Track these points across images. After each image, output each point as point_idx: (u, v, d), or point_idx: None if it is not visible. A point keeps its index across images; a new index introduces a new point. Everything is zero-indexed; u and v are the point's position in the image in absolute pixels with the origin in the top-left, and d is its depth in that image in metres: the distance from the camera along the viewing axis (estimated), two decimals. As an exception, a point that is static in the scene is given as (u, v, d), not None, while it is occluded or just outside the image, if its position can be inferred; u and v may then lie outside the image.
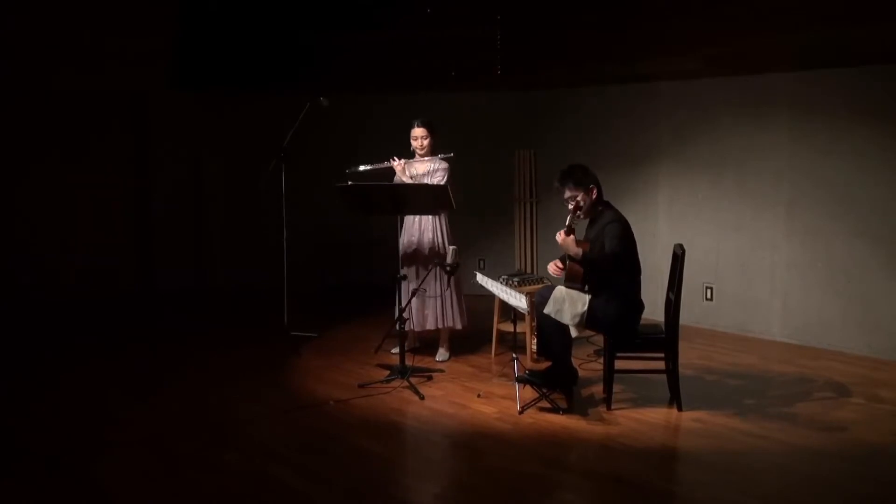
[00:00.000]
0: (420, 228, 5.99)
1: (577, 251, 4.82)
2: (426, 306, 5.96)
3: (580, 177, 4.96)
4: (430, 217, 5.95)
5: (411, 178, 5.95)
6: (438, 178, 5.89)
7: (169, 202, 8.55)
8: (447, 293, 5.95)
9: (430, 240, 5.94)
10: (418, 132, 5.95)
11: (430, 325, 6.00)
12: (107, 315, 7.69)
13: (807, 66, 6.24)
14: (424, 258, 5.94)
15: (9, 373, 5.85)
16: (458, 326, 6.04)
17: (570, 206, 4.96)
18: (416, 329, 6.02)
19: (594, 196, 4.96)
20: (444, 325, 6.00)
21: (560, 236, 4.85)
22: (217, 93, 8.42)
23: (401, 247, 5.98)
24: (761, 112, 6.58)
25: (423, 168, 5.99)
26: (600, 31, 7.12)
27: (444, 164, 5.96)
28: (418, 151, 5.97)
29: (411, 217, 6.01)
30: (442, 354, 6.13)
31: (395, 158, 5.94)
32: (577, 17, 7.25)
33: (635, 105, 7.39)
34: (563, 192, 4.99)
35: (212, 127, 8.63)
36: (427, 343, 6.30)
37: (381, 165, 5.94)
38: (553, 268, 5.07)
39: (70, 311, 7.66)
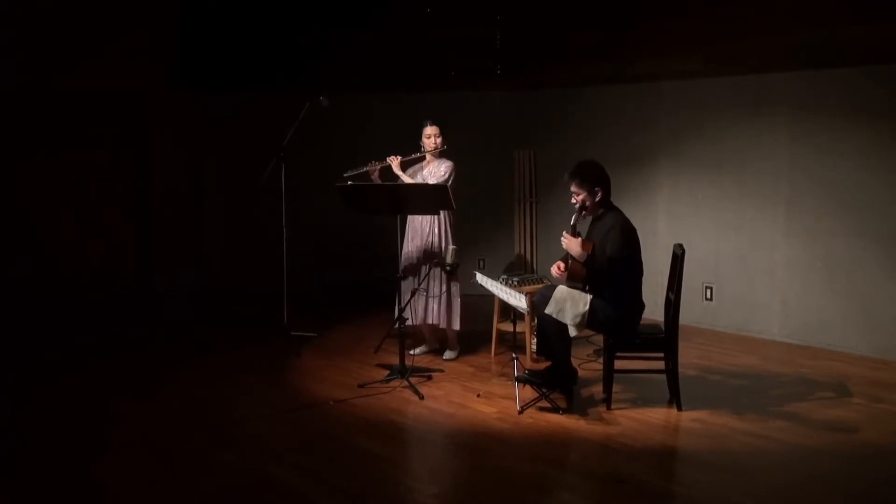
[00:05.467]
0: (422, 228, 5.99)
1: (580, 253, 4.84)
2: (426, 304, 5.97)
3: (588, 177, 4.96)
4: (432, 217, 5.95)
5: (411, 176, 5.96)
6: (441, 175, 5.88)
7: (169, 202, 8.55)
8: (445, 293, 5.95)
9: (430, 240, 5.95)
10: (431, 130, 5.95)
11: (421, 320, 6.01)
12: (107, 315, 7.68)
13: (807, 66, 6.24)
14: (424, 257, 5.95)
15: (9, 373, 5.84)
16: (456, 326, 6.04)
17: (573, 201, 4.98)
18: (415, 322, 6.02)
19: (598, 198, 4.96)
20: (437, 323, 6.00)
21: (565, 238, 4.88)
22: (217, 93, 8.41)
23: (404, 246, 5.99)
24: (761, 112, 6.58)
25: (427, 166, 5.99)
26: (600, 32, 7.12)
27: (449, 163, 5.95)
28: (428, 149, 5.96)
29: (414, 218, 6.01)
30: (449, 354, 6.14)
31: (393, 157, 5.94)
32: (577, 17, 7.25)
33: (635, 105, 7.38)
34: (570, 186, 5.01)
35: (211, 127, 8.63)
36: (444, 345, 6.25)
37: (374, 167, 5.91)
38: (556, 270, 5.05)
39: (70, 310, 7.65)
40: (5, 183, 7.69)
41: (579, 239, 4.87)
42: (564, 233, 4.91)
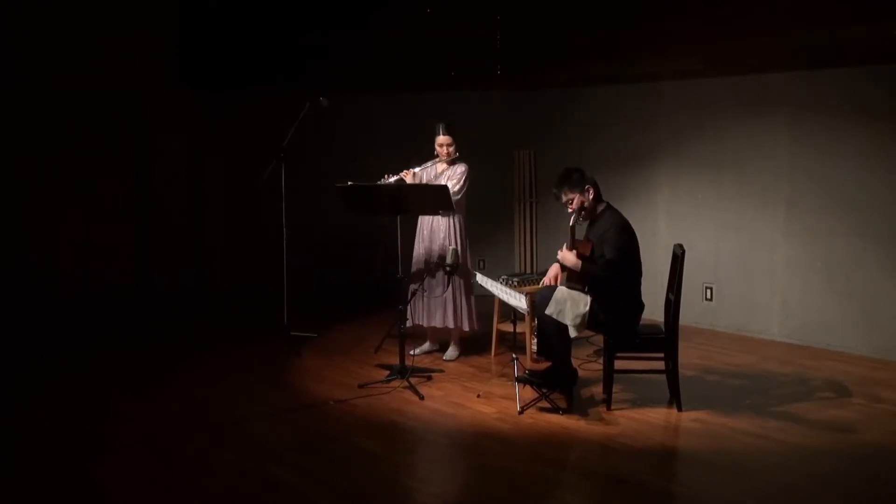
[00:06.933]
0: (432, 230, 5.98)
1: (576, 263, 4.87)
2: (433, 305, 5.96)
3: (576, 179, 4.98)
4: (444, 219, 5.94)
5: (427, 181, 5.93)
6: (456, 180, 5.85)
7: (169, 202, 8.55)
8: (457, 294, 5.94)
9: (442, 242, 5.93)
10: (443, 140, 5.87)
11: (436, 323, 5.99)
12: (106, 315, 7.68)
13: (807, 66, 6.24)
14: (434, 260, 5.94)
15: (9, 373, 5.84)
16: (466, 328, 6.03)
17: (570, 209, 4.99)
18: (419, 322, 6.01)
19: (591, 195, 4.98)
20: (451, 325, 5.99)
21: (561, 252, 4.94)
22: (217, 93, 8.41)
23: (415, 247, 5.98)
24: (761, 112, 6.58)
25: (443, 173, 5.94)
26: (600, 32, 7.13)
27: (465, 167, 5.91)
28: (442, 158, 5.91)
29: (427, 219, 6.00)
30: (450, 353, 6.13)
31: (409, 171, 5.86)
32: (577, 18, 7.26)
33: (635, 105, 7.38)
34: (561, 197, 5.02)
35: (212, 127, 8.63)
36: (445, 345, 6.25)
37: (388, 181, 5.78)
38: (546, 281, 5.11)
39: (70, 310, 7.65)
40: (5, 182, 7.69)
41: (574, 252, 4.90)
42: (562, 248, 4.95)
